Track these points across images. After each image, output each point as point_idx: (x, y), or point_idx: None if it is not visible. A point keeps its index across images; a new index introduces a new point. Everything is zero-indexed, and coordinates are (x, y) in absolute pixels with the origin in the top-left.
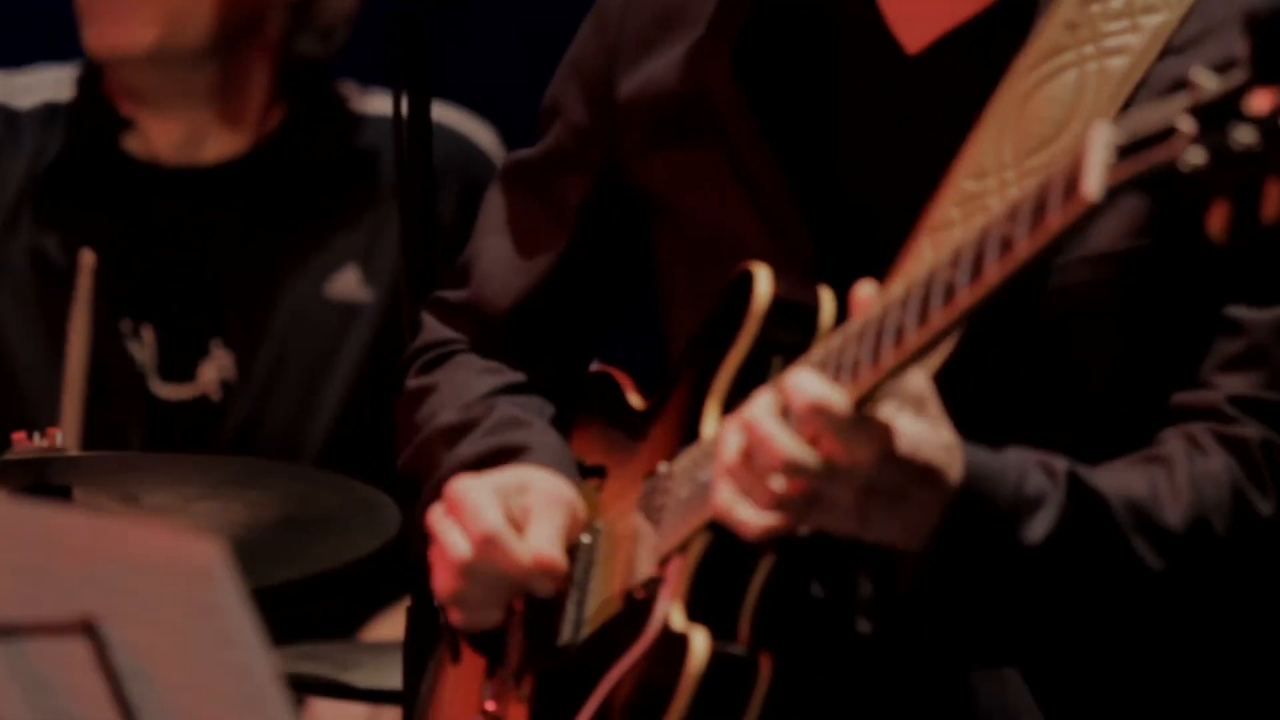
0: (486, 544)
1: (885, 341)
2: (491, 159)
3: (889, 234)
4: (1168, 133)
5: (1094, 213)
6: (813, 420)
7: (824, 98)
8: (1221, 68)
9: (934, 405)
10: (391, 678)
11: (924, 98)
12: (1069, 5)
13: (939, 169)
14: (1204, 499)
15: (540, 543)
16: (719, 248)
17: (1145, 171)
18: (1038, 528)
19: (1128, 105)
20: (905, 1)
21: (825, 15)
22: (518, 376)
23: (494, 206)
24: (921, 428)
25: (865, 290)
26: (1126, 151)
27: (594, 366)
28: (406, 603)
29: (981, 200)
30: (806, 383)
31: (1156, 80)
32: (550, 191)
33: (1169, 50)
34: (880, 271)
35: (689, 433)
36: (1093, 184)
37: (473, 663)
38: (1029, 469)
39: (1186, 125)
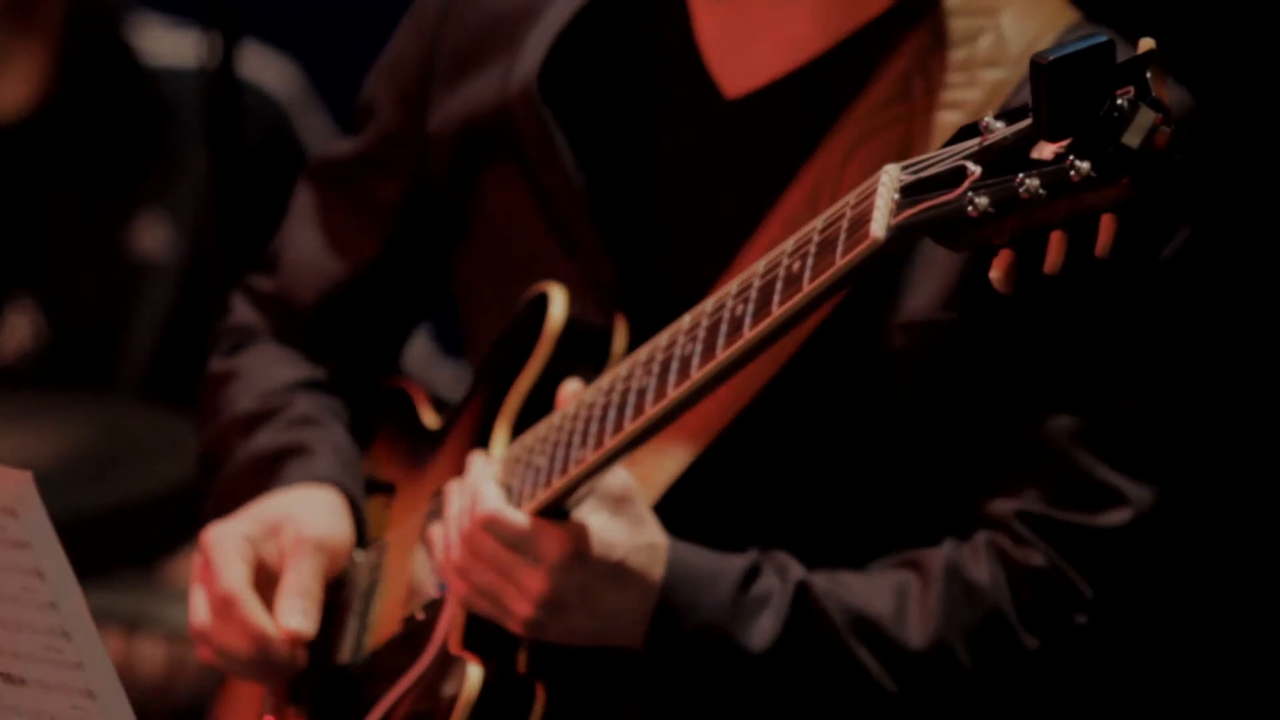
0: (224, 606)
1: (584, 440)
2: (287, 108)
3: (695, 276)
4: (956, 176)
5: (882, 255)
6: (487, 533)
7: (638, 132)
8: (1014, 115)
9: (636, 504)
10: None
11: (740, 145)
12: (908, 57)
13: (751, 218)
14: (953, 623)
15: (288, 608)
16: (520, 268)
17: (931, 214)
18: (760, 633)
19: None
20: (728, 47)
21: (645, 50)
22: (318, 372)
23: (305, 199)
24: (617, 527)
25: (571, 388)
26: (912, 192)
27: (397, 378)
28: None
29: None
30: (484, 495)
31: None
32: (362, 192)
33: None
34: (682, 309)
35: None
36: (878, 224)
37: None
38: (764, 569)
39: (973, 169)
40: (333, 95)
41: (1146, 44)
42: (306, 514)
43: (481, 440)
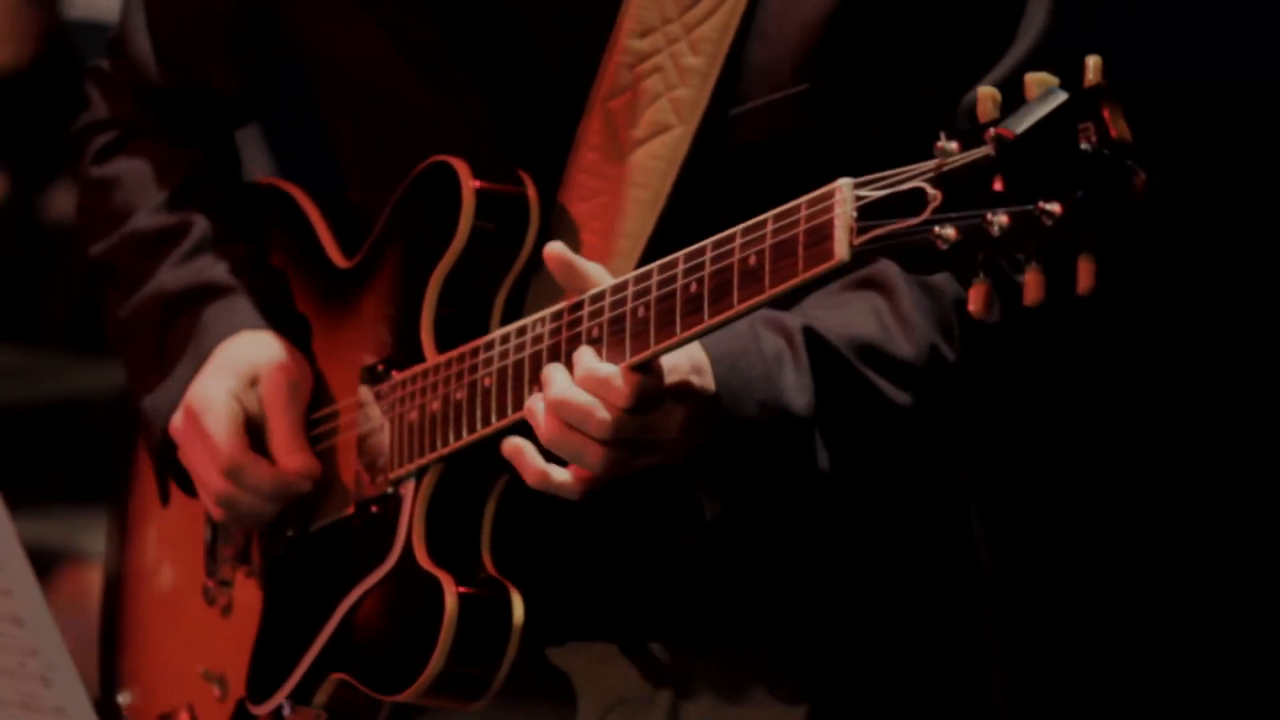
0: (236, 475)
1: (635, 331)
2: None
3: (564, 95)
4: (915, 199)
5: (841, 269)
6: (608, 397)
7: None
8: (969, 139)
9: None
10: None
11: None
12: None
13: (603, 20)
14: (930, 323)
15: (283, 448)
16: (384, 110)
17: (897, 242)
18: (797, 391)
19: None
20: None
21: None
22: (198, 159)
23: None
24: (679, 360)
25: (556, 247)
26: (872, 213)
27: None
28: None
29: (652, 60)
30: (595, 367)
31: None
32: None
33: None
34: (561, 143)
35: (405, 341)
36: (841, 245)
37: (189, 525)
38: (760, 331)
39: (932, 193)
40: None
41: (1094, 65)
42: (270, 357)
43: (407, 326)
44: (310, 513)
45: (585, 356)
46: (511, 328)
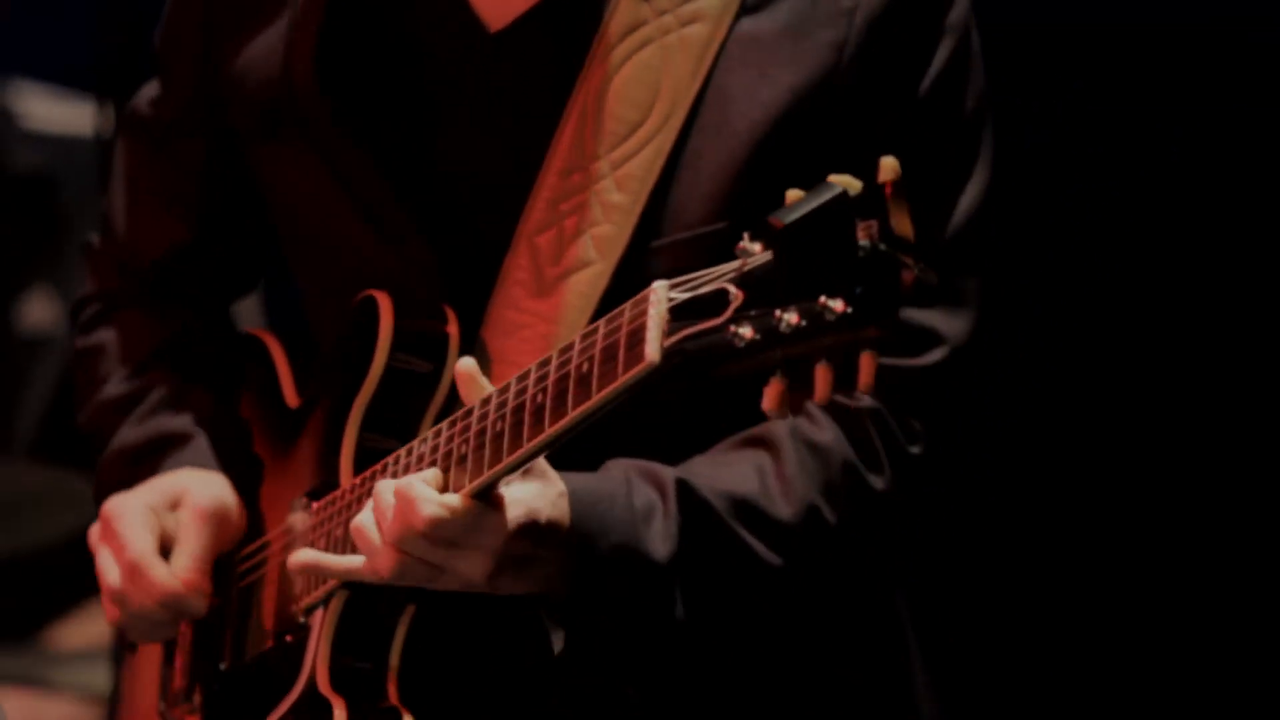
0: (134, 572)
1: (492, 444)
2: None
3: (494, 232)
4: (720, 300)
5: (658, 371)
6: (434, 529)
7: (413, 85)
8: (766, 235)
9: (539, 459)
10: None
11: (509, 78)
12: None
13: (533, 157)
14: (813, 485)
15: (184, 564)
16: (332, 248)
17: (699, 342)
18: (661, 539)
19: (710, 75)
20: None
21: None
22: (174, 325)
23: (124, 155)
24: (531, 490)
25: (467, 364)
26: (681, 314)
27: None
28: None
29: (577, 197)
30: (422, 496)
31: (735, 46)
32: (171, 151)
33: (744, 9)
34: (491, 275)
35: (327, 470)
36: (652, 346)
37: (149, 670)
38: (634, 481)
39: (735, 293)
40: None
41: (888, 166)
42: (203, 489)
43: (329, 457)
44: (242, 645)
45: (415, 478)
46: (403, 448)
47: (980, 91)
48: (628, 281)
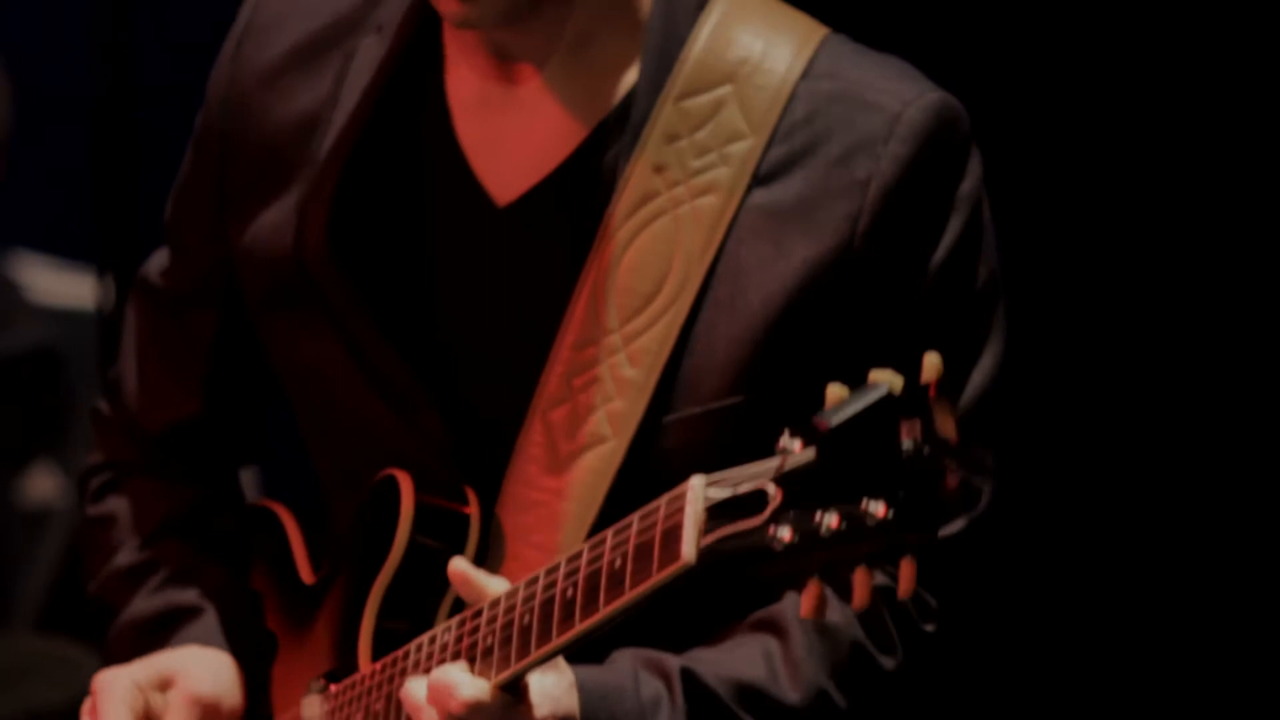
0: None
1: (519, 637)
2: None
3: (508, 407)
4: (758, 499)
5: (695, 573)
6: (472, 714)
7: (423, 259)
8: (806, 433)
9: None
10: None
11: (519, 253)
12: (654, 147)
13: (546, 331)
14: (822, 669)
15: None
16: (345, 419)
17: (737, 544)
18: None
19: (722, 247)
20: (492, 154)
21: (416, 170)
22: (185, 495)
23: (134, 322)
24: (549, 682)
25: (458, 566)
26: (719, 513)
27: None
28: None
29: (591, 371)
30: (460, 680)
31: (748, 217)
32: (183, 321)
33: (757, 180)
34: (505, 451)
35: (344, 653)
36: (689, 546)
37: None
38: (640, 673)
39: (774, 492)
40: None
41: (931, 365)
42: (199, 672)
43: (348, 637)
44: None
45: (450, 668)
46: (425, 636)
47: (992, 263)
48: (642, 457)
